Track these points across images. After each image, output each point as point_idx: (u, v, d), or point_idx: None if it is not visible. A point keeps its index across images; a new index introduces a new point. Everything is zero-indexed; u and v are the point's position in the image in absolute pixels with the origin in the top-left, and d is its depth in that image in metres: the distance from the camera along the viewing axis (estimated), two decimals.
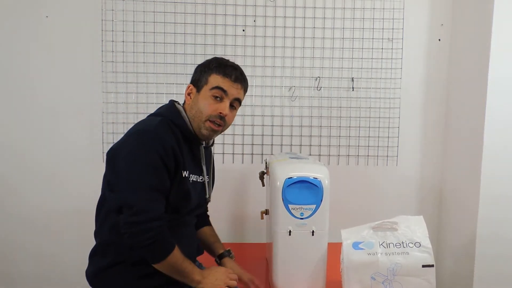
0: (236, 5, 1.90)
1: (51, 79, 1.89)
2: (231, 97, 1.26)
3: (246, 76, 1.33)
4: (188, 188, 1.24)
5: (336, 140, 1.99)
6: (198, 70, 1.30)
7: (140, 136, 1.17)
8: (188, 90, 1.31)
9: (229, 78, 1.26)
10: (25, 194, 1.92)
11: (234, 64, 1.32)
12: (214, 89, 1.25)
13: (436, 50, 1.98)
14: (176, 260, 1.16)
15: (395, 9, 1.94)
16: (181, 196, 1.22)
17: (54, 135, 1.91)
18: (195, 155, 1.30)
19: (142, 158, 1.13)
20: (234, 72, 1.28)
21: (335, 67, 1.95)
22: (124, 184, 1.15)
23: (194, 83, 1.30)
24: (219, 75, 1.26)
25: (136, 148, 1.15)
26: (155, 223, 1.12)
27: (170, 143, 1.17)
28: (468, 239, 1.76)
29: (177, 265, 1.16)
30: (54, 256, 1.95)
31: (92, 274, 1.24)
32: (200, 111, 1.25)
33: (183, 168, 1.22)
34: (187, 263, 1.19)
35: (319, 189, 1.25)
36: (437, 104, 2.01)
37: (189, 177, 1.25)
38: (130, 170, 1.14)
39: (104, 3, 1.86)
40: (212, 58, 1.32)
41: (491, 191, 1.69)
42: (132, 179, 1.14)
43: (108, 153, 1.23)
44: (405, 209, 2.02)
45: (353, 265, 1.23)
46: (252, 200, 1.99)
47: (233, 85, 1.26)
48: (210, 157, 1.41)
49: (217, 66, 1.27)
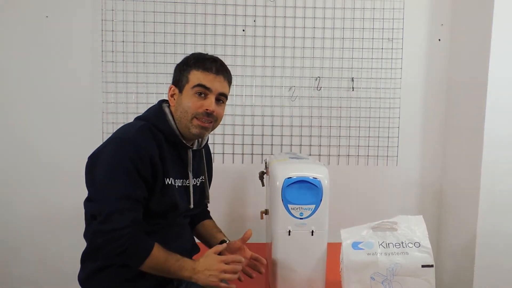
0: (236, 5, 1.90)
1: (51, 79, 1.89)
2: (215, 92, 1.21)
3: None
4: (174, 195, 1.21)
5: (336, 140, 1.99)
6: (177, 69, 1.26)
7: (116, 143, 1.14)
8: (171, 92, 1.26)
9: (209, 72, 1.21)
10: (25, 194, 1.92)
11: (213, 56, 1.26)
12: (196, 87, 1.20)
13: (436, 50, 1.98)
14: (157, 262, 1.12)
15: (395, 9, 1.94)
16: (166, 204, 1.20)
17: (54, 135, 1.91)
18: (182, 159, 1.27)
19: (116, 167, 1.11)
20: (214, 64, 1.22)
21: (335, 67, 1.95)
22: (96, 193, 1.14)
23: (175, 83, 1.26)
24: (199, 71, 1.21)
25: (111, 156, 1.12)
26: (125, 230, 1.08)
27: (147, 150, 1.13)
28: (468, 239, 1.76)
29: (160, 266, 1.13)
30: (53, 256, 1.95)
31: (83, 278, 1.23)
32: (185, 111, 1.20)
33: (165, 176, 1.19)
34: (172, 261, 1.13)
35: (318, 189, 1.25)
36: (437, 104, 2.00)
37: (175, 183, 1.22)
38: (103, 180, 1.12)
39: (104, 3, 1.86)
40: (189, 55, 1.27)
41: (491, 191, 1.69)
42: (104, 189, 1.11)
43: (88, 160, 1.20)
44: (405, 209, 2.02)
45: (352, 265, 1.23)
46: (252, 200, 1.99)
47: (215, 79, 1.21)
48: (202, 159, 1.37)
49: (196, 62, 1.22)
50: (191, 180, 1.30)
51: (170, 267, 1.13)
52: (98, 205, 1.12)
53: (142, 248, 1.11)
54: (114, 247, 1.08)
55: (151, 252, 1.12)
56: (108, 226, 1.08)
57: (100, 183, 1.13)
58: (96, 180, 1.14)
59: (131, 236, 1.09)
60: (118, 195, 1.10)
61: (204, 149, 1.38)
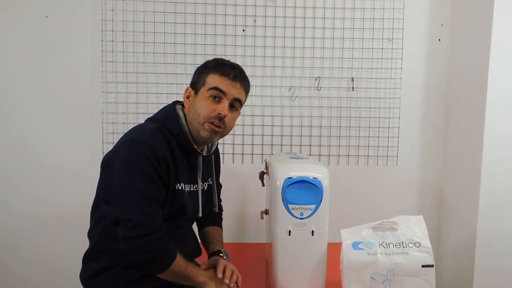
0: (236, 5, 1.90)
1: (51, 79, 1.89)
2: (230, 97, 1.21)
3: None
4: (184, 200, 1.22)
5: (336, 140, 1.98)
6: (197, 72, 1.27)
7: (132, 145, 1.13)
8: (187, 93, 1.26)
9: (227, 77, 1.21)
10: (25, 194, 1.92)
11: (233, 63, 1.27)
12: (212, 89, 1.20)
13: (436, 50, 1.98)
14: (179, 267, 1.15)
15: (395, 9, 1.94)
16: (175, 209, 1.21)
17: (54, 135, 1.91)
18: (192, 164, 1.27)
19: (136, 170, 1.10)
20: (233, 70, 1.23)
21: (335, 67, 1.95)
22: (119, 198, 1.11)
23: (192, 85, 1.26)
24: (216, 75, 1.21)
25: (129, 159, 1.11)
26: (155, 235, 1.09)
27: (162, 153, 1.13)
28: (468, 239, 1.76)
29: (181, 272, 1.15)
30: (53, 256, 1.95)
31: (86, 278, 1.23)
32: (197, 113, 1.20)
33: (176, 181, 1.19)
34: (190, 267, 1.18)
35: (319, 189, 1.25)
36: (437, 104, 2.01)
37: (184, 188, 1.22)
38: (124, 183, 1.11)
39: (104, 3, 1.86)
40: (211, 59, 1.28)
41: (491, 191, 1.69)
42: (127, 192, 1.10)
43: (103, 163, 1.19)
44: (405, 209, 2.02)
45: (352, 265, 1.23)
46: (252, 200, 1.99)
47: (231, 84, 1.21)
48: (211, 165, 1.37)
49: (215, 66, 1.23)
50: (199, 186, 1.30)
51: (189, 273, 1.17)
52: (121, 210, 1.10)
53: (168, 255, 1.13)
54: (144, 252, 1.08)
55: (176, 258, 1.14)
56: (136, 232, 1.08)
57: (118, 186, 1.12)
58: (114, 183, 1.13)
59: (160, 243, 1.10)
60: (140, 199, 1.09)
61: (213, 155, 1.38)
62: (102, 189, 1.20)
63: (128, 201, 1.10)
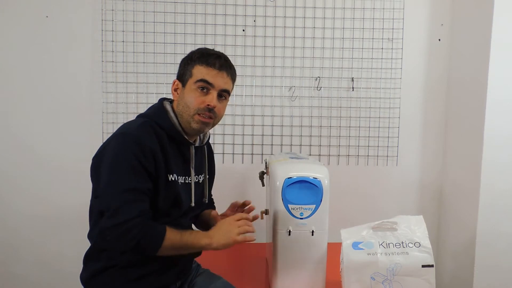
0: (236, 5, 1.90)
1: (51, 79, 1.89)
2: (217, 88, 1.22)
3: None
4: (178, 191, 1.22)
5: (336, 140, 1.99)
6: (182, 63, 1.27)
7: (118, 139, 1.14)
8: (174, 86, 1.27)
9: (213, 67, 1.21)
10: (25, 194, 1.92)
11: (218, 52, 1.27)
12: (199, 81, 1.20)
13: (436, 50, 1.98)
14: (173, 242, 1.13)
15: (395, 9, 1.94)
16: (170, 200, 1.21)
17: (54, 135, 1.91)
18: (184, 156, 1.27)
19: (120, 162, 1.11)
20: (218, 60, 1.23)
21: (335, 67, 1.95)
22: (103, 189, 1.13)
23: (179, 77, 1.27)
24: (202, 66, 1.21)
25: (114, 152, 1.13)
26: (135, 220, 1.08)
27: (149, 146, 1.14)
28: (468, 239, 1.76)
29: (177, 244, 1.14)
30: (53, 256, 1.95)
31: (86, 278, 1.23)
32: (186, 105, 1.21)
33: (168, 172, 1.19)
34: (186, 235, 1.15)
35: (319, 189, 1.25)
36: (437, 104, 2.01)
37: (177, 179, 1.22)
38: (108, 175, 1.12)
39: (104, 3, 1.86)
40: (195, 49, 1.27)
41: (491, 191, 1.69)
42: (109, 184, 1.11)
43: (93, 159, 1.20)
44: (405, 209, 2.02)
45: (352, 265, 1.23)
46: (252, 200, 1.98)
47: (218, 74, 1.22)
48: (204, 156, 1.38)
49: (200, 57, 1.22)
50: (193, 177, 1.30)
51: (186, 241, 1.14)
52: (104, 200, 1.12)
53: (155, 234, 1.12)
54: (127, 240, 1.08)
55: (165, 235, 1.12)
56: (116, 219, 1.07)
57: (104, 178, 1.13)
58: (101, 176, 1.15)
59: (142, 226, 1.09)
60: (123, 188, 1.10)
61: (206, 146, 1.39)
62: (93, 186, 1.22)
63: (112, 191, 1.10)
